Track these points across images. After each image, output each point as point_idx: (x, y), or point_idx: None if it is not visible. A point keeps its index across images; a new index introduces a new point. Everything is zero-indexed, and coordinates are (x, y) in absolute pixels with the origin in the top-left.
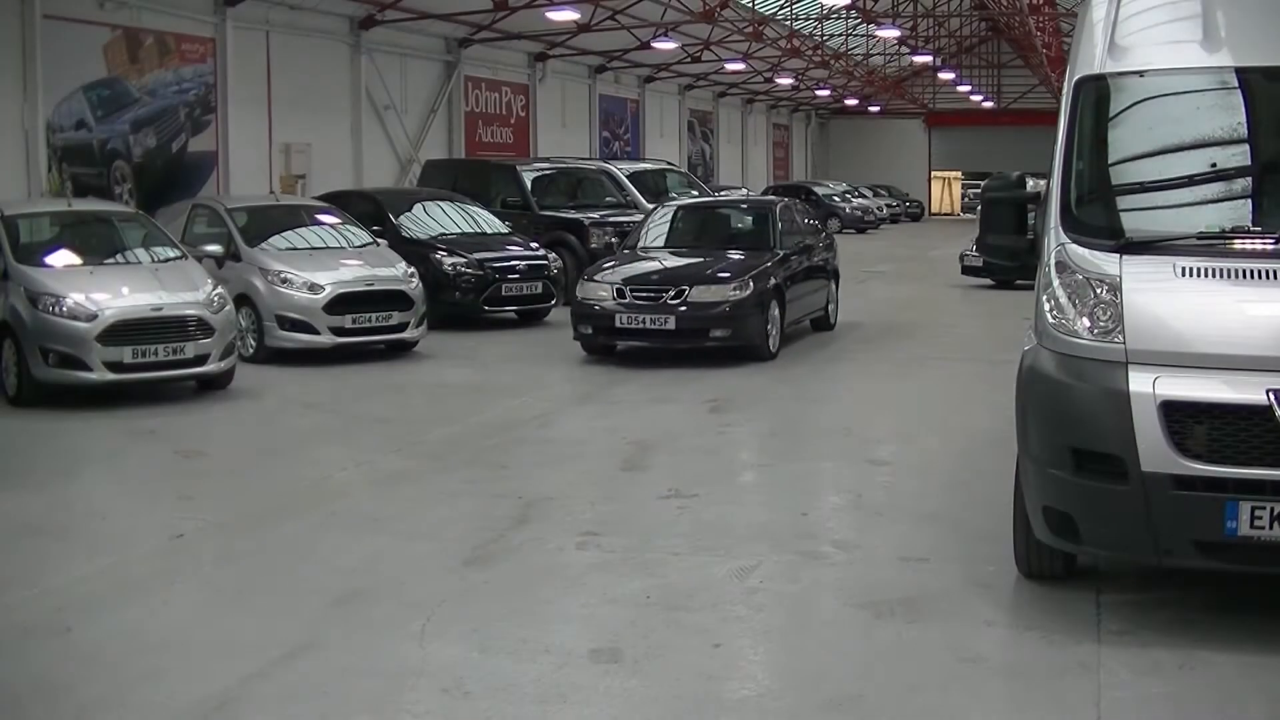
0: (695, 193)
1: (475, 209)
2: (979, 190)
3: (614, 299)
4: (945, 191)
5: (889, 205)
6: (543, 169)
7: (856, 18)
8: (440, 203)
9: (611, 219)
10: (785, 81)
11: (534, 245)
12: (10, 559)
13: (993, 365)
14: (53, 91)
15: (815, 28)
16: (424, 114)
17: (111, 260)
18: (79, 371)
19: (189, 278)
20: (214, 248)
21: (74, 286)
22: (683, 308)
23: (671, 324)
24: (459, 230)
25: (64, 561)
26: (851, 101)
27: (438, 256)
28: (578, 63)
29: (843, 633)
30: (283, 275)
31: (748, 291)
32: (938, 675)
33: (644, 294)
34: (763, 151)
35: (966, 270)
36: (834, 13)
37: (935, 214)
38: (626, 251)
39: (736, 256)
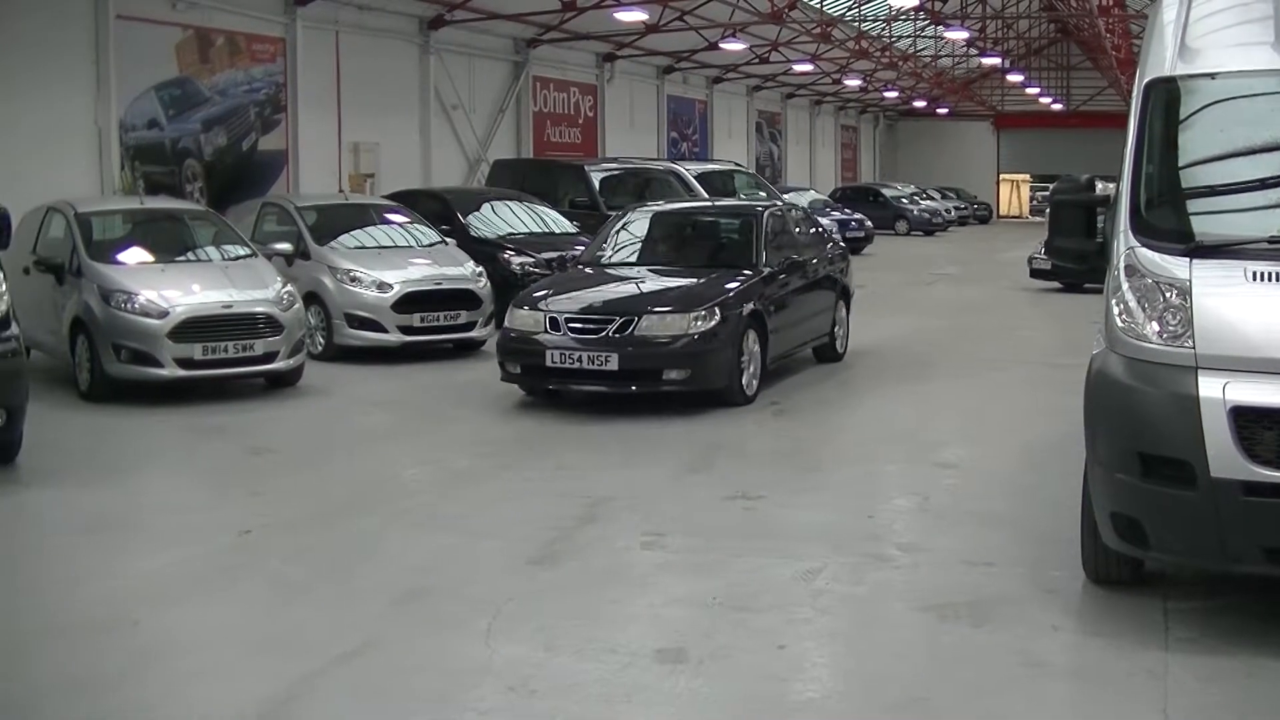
0: (667, 199)
1: (543, 209)
2: (1048, 193)
3: (546, 330)
4: (1014, 194)
5: (957, 208)
6: (610, 169)
7: (925, 19)
8: (508, 202)
9: None
10: (853, 83)
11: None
12: (81, 552)
13: (1061, 369)
14: (125, 91)
15: (883, 29)
16: (492, 114)
17: (182, 258)
18: (150, 368)
19: (259, 275)
20: (283, 246)
21: (146, 284)
22: (628, 343)
23: (614, 363)
24: (527, 230)
25: (133, 555)
26: (920, 103)
27: (506, 256)
28: (646, 63)
29: (908, 636)
30: (351, 274)
31: (713, 321)
32: (1003, 680)
33: (582, 325)
34: (831, 153)
35: (1035, 273)
36: (902, 14)
37: (1003, 217)
38: (575, 269)
39: (705, 277)
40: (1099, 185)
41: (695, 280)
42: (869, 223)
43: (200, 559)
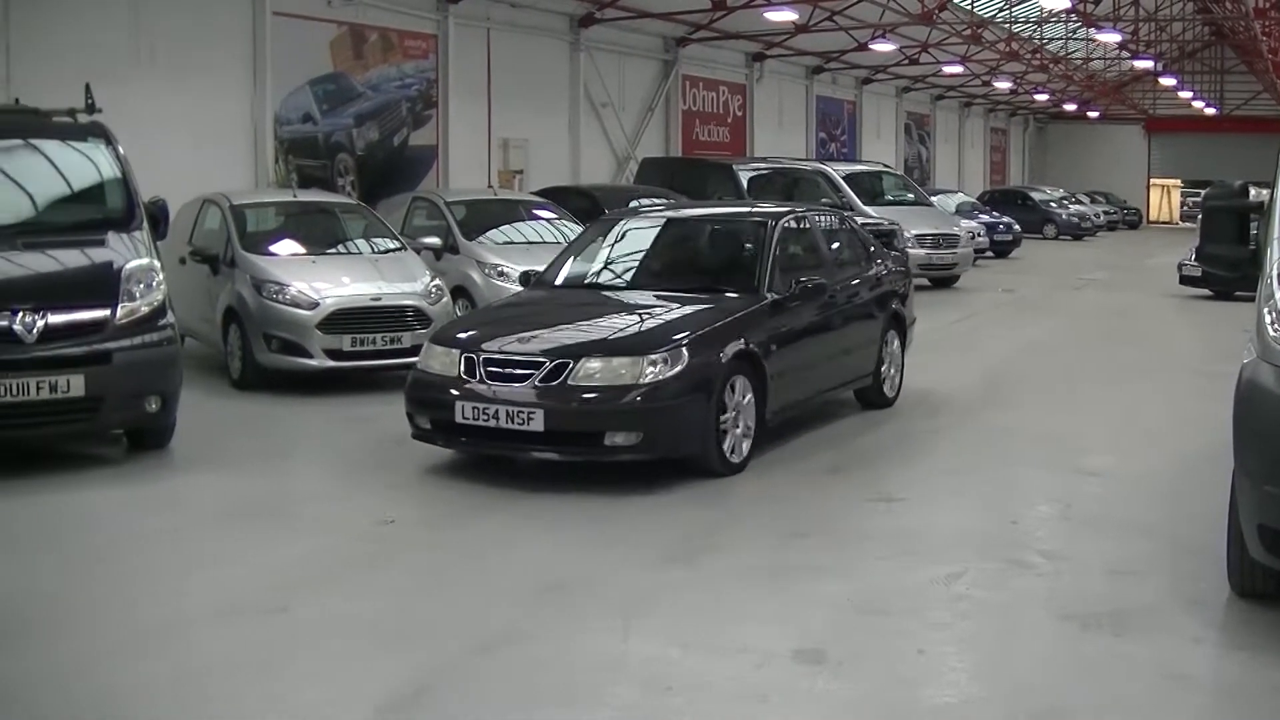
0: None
1: None
2: (1199, 198)
3: (459, 374)
4: (1164, 199)
5: (1106, 212)
6: (759, 169)
7: (1076, 21)
8: (656, 200)
9: None
10: (1003, 85)
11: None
12: (228, 537)
13: (1210, 378)
14: (281, 86)
15: (1034, 31)
16: (641, 112)
17: (333, 250)
18: (299, 358)
19: (408, 269)
20: (432, 240)
21: (297, 275)
22: (560, 395)
23: (539, 421)
24: None
25: (279, 541)
26: (1070, 106)
27: None
28: (795, 63)
29: (1048, 644)
30: (499, 268)
31: (676, 367)
32: (1144, 691)
33: (501, 370)
34: (979, 155)
35: (1185, 280)
36: (1054, 16)
37: (1153, 222)
38: (517, 291)
39: (688, 304)
40: (1252, 191)
41: (670, 310)
42: (1017, 226)
43: (344, 547)
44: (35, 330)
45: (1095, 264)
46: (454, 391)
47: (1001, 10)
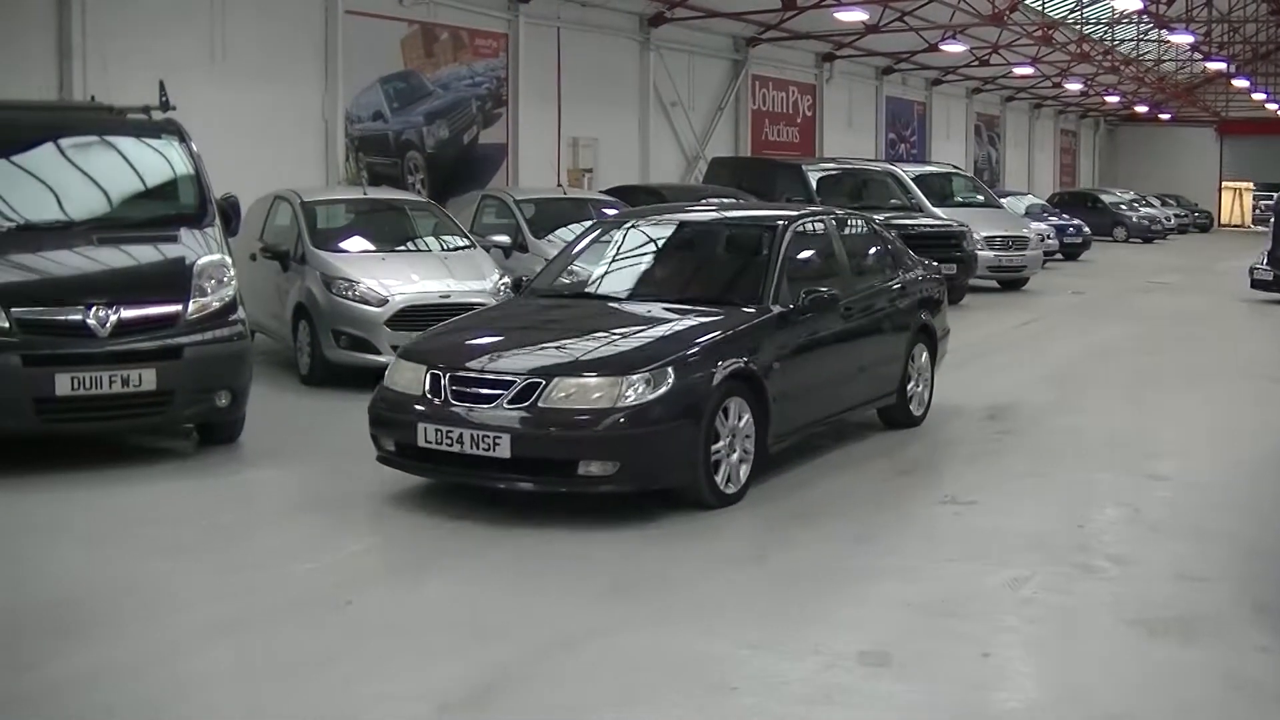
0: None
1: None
2: (1271, 202)
3: (425, 392)
4: (1236, 202)
5: (1176, 215)
6: (828, 169)
7: (1148, 22)
8: (725, 200)
9: (896, 221)
10: (1074, 87)
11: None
12: (294, 532)
13: None
14: (352, 84)
15: (1106, 32)
16: (710, 111)
17: (403, 248)
18: (368, 354)
19: (477, 267)
20: (501, 238)
21: (366, 272)
22: (529, 418)
23: (505, 447)
24: None
25: (344, 537)
26: (1141, 108)
27: None
28: (865, 64)
29: (1115, 649)
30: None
31: (660, 389)
32: (1209, 700)
33: (466, 389)
34: (1049, 157)
35: (1256, 284)
36: (1125, 17)
37: (1224, 225)
38: (508, 299)
39: (675, 321)
40: None
41: (661, 324)
42: (1087, 229)
43: (410, 542)
44: (109, 324)
45: (1165, 267)
46: (417, 411)
47: (1073, 11)
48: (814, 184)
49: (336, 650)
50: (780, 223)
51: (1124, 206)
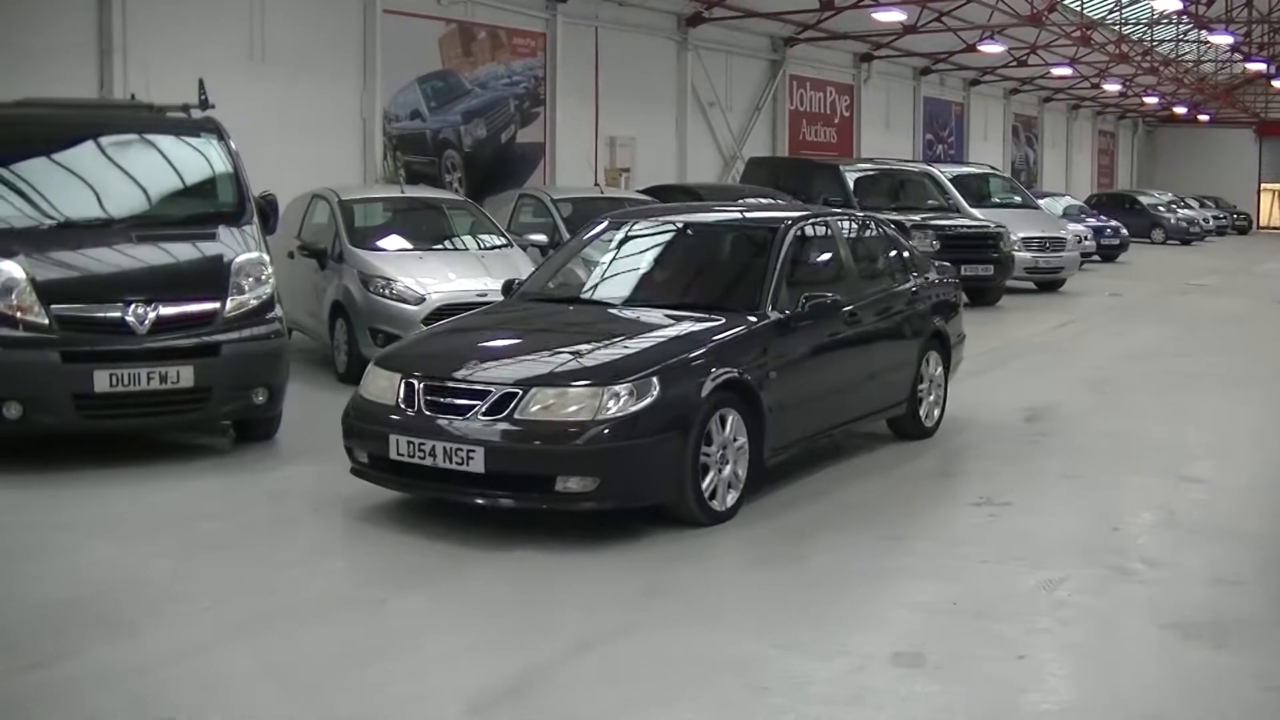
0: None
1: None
2: None
3: (399, 402)
4: (1275, 204)
5: (1215, 217)
6: (865, 169)
7: (1188, 23)
8: (762, 200)
9: (933, 222)
10: (1112, 87)
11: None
12: (330, 529)
13: None
14: (390, 83)
15: (1145, 33)
16: (748, 111)
17: (440, 246)
18: None
19: (514, 265)
20: (538, 237)
21: (404, 270)
22: (505, 430)
23: (479, 460)
24: None
25: (380, 535)
26: (1180, 109)
27: None
28: (902, 64)
29: (1149, 652)
30: None
31: (644, 400)
32: (1243, 704)
33: (440, 399)
34: (1087, 158)
35: None
36: (1164, 17)
37: (1264, 228)
38: (491, 304)
39: (667, 327)
40: None
41: (651, 330)
42: (1124, 230)
43: (443, 542)
44: (147, 322)
45: (1203, 269)
46: (390, 422)
47: (1112, 12)
48: (851, 184)
49: (369, 648)
50: (781, 225)
51: (1162, 208)
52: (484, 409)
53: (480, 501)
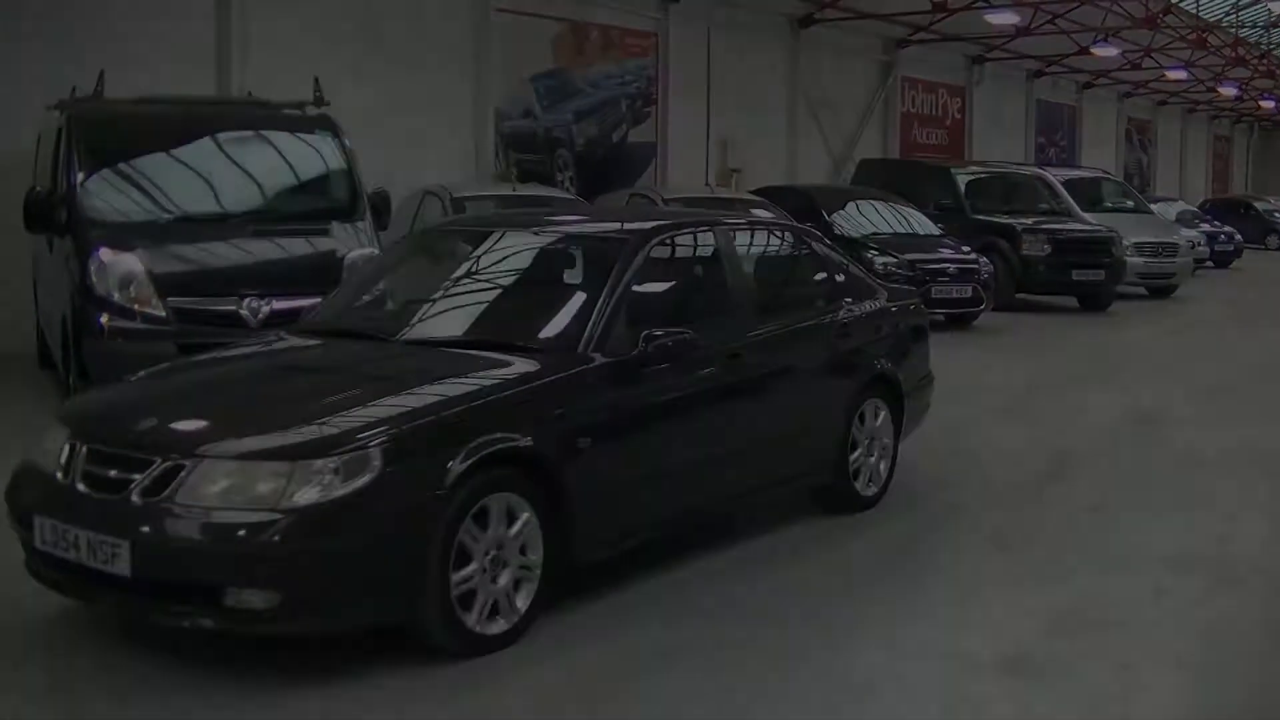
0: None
1: (908, 210)
2: None
3: (58, 471)
4: None
5: None
6: (976, 172)
7: None
8: (873, 202)
9: (1045, 226)
10: (1228, 91)
11: (965, 249)
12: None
13: None
14: (503, 81)
15: (1261, 35)
16: (859, 113)
17: None
18: None
19: None
20: None
21: None
22: (155, 519)
23: (124, 560)
24: (891, 230)
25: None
26: None
27: (869, 255)
28: (1015, 67)
29: (1258, 663)
30: None
31: (357, 482)
32: None
33: (106, 467)
34: (1201, 163)
35: None
36: None
37: None
38: (308, 318)
39: (430, 374)
40: None
41: (404, 378)
42: (1239, 236)
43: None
44: (261, 315)
45: None
46: (41, 499)
47: (1228, 14)
48: (962, 188)
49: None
50: (629, 240)
51: (1277, 214)
52: (143, 486)
53: (138, 613)
